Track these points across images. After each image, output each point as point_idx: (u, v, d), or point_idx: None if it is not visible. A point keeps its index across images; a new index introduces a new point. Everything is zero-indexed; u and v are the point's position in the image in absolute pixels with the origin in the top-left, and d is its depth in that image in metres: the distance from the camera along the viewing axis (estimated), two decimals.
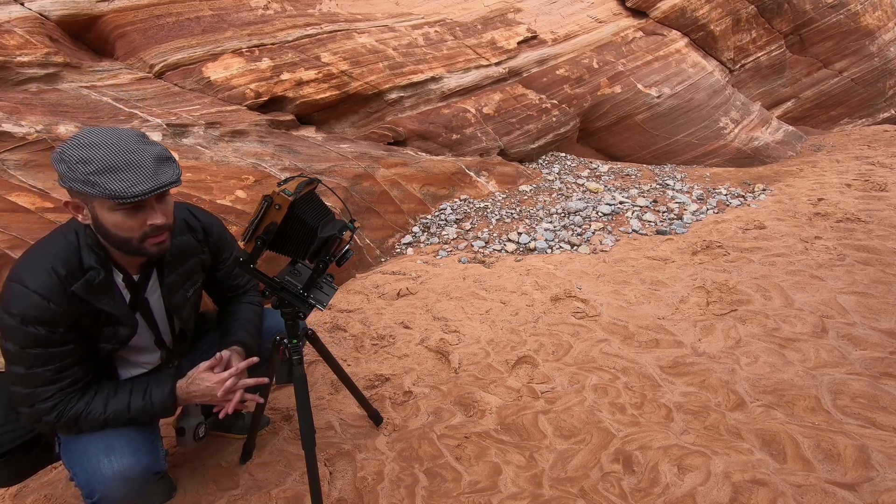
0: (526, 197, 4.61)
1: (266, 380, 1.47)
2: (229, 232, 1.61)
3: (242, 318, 1.60)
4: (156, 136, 3.21)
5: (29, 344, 1.18)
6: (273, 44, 4.37)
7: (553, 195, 4.64)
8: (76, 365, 1.26)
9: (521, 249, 3.70)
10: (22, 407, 1.24)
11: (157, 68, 3.96)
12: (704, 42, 6.99)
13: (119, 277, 1.32)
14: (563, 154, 5.83)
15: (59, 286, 1.18)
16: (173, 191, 2.93)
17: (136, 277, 1.35)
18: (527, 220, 4.10)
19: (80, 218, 1.20)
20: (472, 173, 4.71)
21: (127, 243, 1.20)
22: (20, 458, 1.35)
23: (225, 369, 1.38)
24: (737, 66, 7.27)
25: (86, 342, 1.28)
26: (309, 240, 1.32)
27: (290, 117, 4.21)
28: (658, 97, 6.14)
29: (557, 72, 5.84)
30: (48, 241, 1.25)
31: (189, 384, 1.34)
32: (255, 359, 1.44)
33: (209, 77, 4.02)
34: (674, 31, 6.76)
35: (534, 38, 5.89)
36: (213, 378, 1.34)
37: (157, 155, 1.16)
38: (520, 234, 3.86)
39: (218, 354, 1.40)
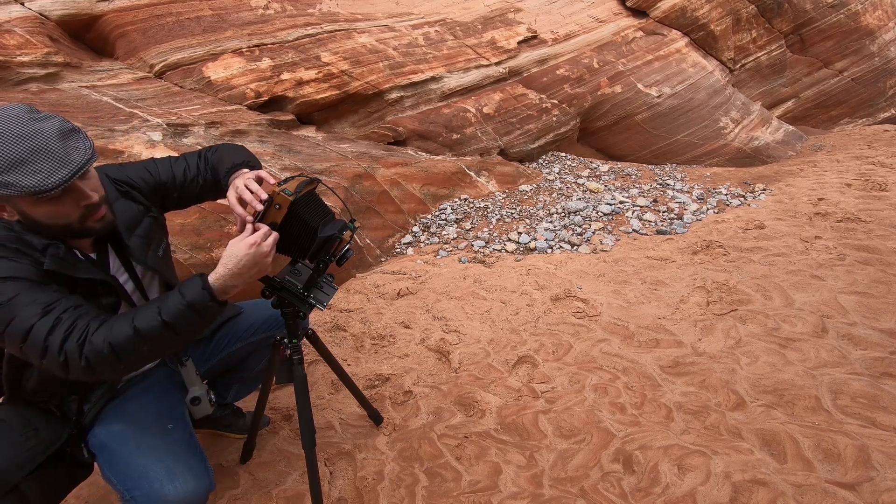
0: (526, 197, 4.61)
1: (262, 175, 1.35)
2: (150, 161, 1.48)
3: (220, 149, 1.49)
4: (156, 136, 3.21)
5: (18, 289, 1.08)
6: (273, 43, 4.37)
7: (553, 195, 4.64)
8: (75, 299, 1.15)
9: (521, 249, 3.70)
10: (43, 358, 1.07)
11: (157, 68, 3.96)
12: (705, 42, 6.98)
13: (77, 254, 1.25)
14: (564, 154, 5.82)
15: (33, 268, 1.12)
16: None
17: (93, 255, 1.29)
18: (527, 220, 4.10)
19: (5, 215, 1.13)
20: (472, 173, 4.71)
21: (67, 229, 1.15)
22: (51, 472, 1.29)
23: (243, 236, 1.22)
24: (737, 66, 7.27)
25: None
26: (309, 239, 1.32)
27: (290, 117, 4.21)
28: (658, 97, 6.14)
29: (557, 71, 5.84)
30: None
31: (222, 263, 1.18)
32: (262, 173, 1.36)
33: (209, 77, 4.02)
34: (674, 31, 6.76)
35: (534, 37, 5.89)
36: (253, 239, 1.19)
37: (59, 130, 1.06)
38: (520, 233, 3.86)
39: (236, 217, 1.27)
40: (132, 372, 1.33)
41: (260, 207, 1.25)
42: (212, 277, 1.17)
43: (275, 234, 1.24)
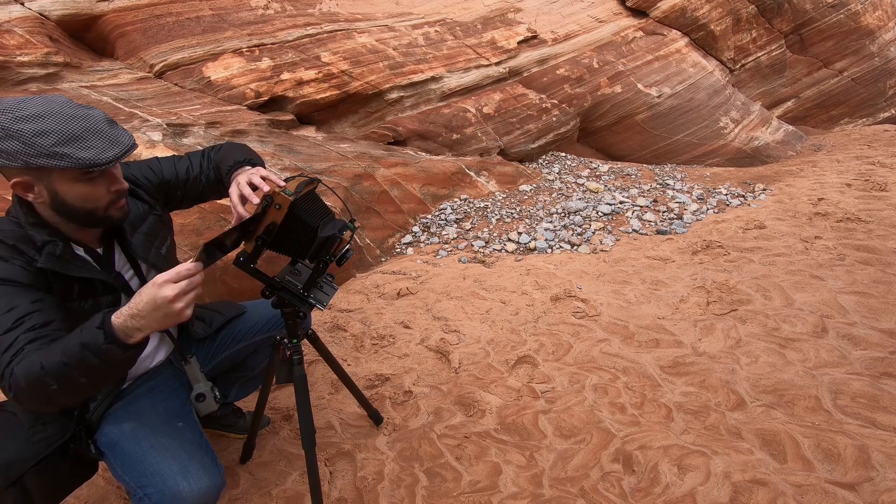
0: (526, 197, 4.61)
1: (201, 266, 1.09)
2: (153, 159, 1.50)
3: (223, 148, 1.50)
4: (156, 136, 3.21)
5: (1, 293, 1.08)
6: (273, 43, 4.37)
7: (553, 195, 4.64)
8: (50, 314, 1.12)
9: (521, 249, 3.70)
10: None
11: (157, 68, 3.96)
12: (704, 42, 6.98)
13: (80, 250, 1.26)
14: (564, 154, 5.82)
15: (24, 269, 1.13)
16: None
17: (99, 251, 1.30)
18: (527, 220, 4.10)
19: (30, 197, 1.14)
20: (472, 173, 4.71)
21: (92, 214, 1.18)
22: (54, 467, 1.29)
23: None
24: (737, 66, 7.27)
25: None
26: (309, 240, 1.32)
27: (290, 117, 4.21)
28: (658, 97, 6.14)
29: (557, 71, 5.84)
30: None
31: (133, 298, 1.03)
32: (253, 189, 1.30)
33: (209, 77, 4.02)
34: (674, 31, 6.76)
35: (534, 37, 5.89)
36: (160, 278, 1.00)
37: (105, 117, 1.15)
38: (520, 233, 3.86)
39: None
40: (54, 408, 1.11)
41: (257, 201, 1.25)
42: (114, 315, 1.03)
43: (195, 278, 1.03)
